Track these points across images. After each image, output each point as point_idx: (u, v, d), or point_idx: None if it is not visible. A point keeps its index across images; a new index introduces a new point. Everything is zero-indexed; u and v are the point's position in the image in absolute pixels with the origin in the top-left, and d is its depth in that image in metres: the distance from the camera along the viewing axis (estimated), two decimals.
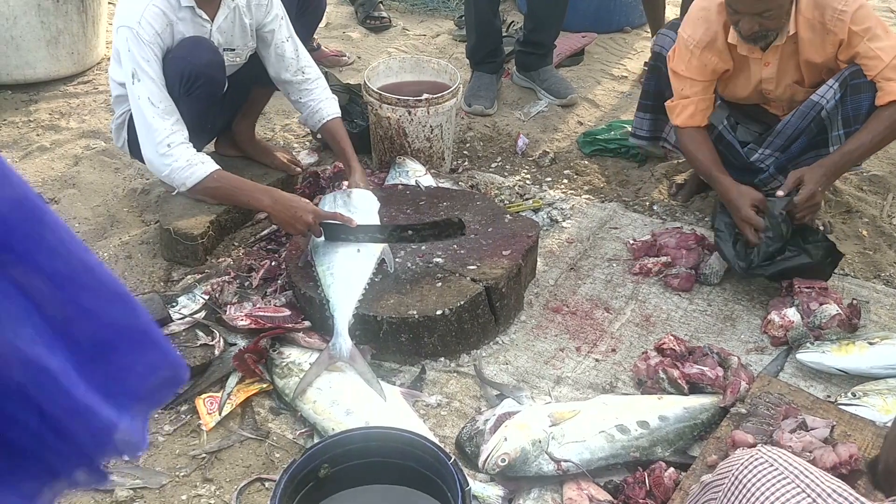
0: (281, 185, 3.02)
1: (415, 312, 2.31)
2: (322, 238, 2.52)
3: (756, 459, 1.20)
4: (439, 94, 3.08)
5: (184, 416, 2.21)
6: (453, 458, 1.64)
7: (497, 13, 3.73)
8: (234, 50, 2.77)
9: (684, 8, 3.71)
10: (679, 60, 2.68)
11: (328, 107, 2.93)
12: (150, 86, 2.54)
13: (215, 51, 2.66)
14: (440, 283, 2.41)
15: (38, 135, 3.55)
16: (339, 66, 4.03)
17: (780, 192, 2.52)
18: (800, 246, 2.51)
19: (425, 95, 3.09)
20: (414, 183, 2.96)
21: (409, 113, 3.06)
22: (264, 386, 2.26)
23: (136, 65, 2.53)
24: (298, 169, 3.09)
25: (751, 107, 2.79)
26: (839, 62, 2.56)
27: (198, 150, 2.83)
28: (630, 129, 3.38)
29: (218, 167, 2.65)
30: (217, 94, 2.72)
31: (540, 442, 1.95)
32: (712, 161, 2.70)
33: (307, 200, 2.64)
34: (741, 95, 2.74)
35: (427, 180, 3.00)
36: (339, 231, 2.50)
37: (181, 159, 2.58)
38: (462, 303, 2.33)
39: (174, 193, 2.80)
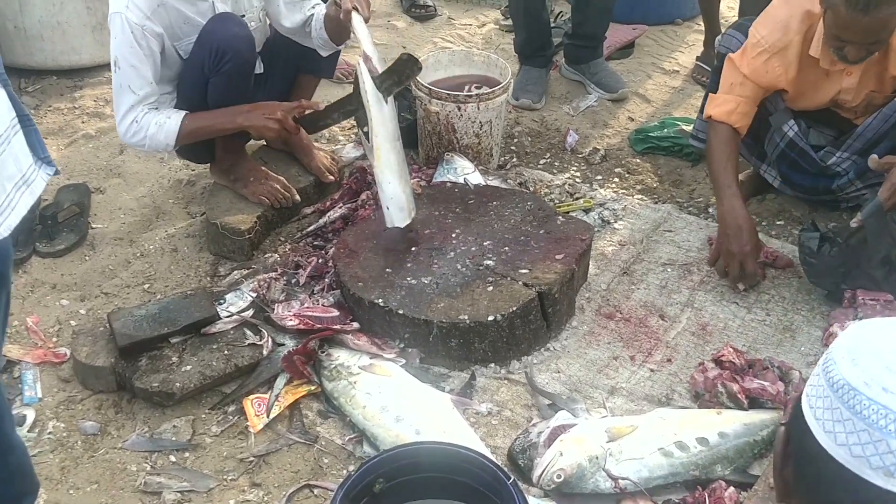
0: (312, 188, 2.99)
1: (466, 317, 2.26)
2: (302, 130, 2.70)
3: None
4: (490, 90, 3.01)
5: (231, 418, 2.19)
6: (512, 478, 1.59)
7: (545, 6, 3.64)
8: (244, 16, 2.71)
9: (742, 3, 3.61)
10: (743, 57, 2.58)
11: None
12: (131, 74, 2.55)
13: (242, 25, 2.62)
14: (491, 288, 2.35)
15: (83, 122, 3.54)
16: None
17: (872, 157, 2.38)
18: None
19: (472, 90, 3.03)
20: (462, 180, 2.90)
21: (459, 108, 3.00)
22: (312, 388, 2.23)
23: (119, 53, 2.53)
24: (332, 178, 3.01)
25: (821, 111, 2.68)
26: None
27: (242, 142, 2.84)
28: (684, 126, 3.31)
29: (185, 112, 2.64)
30: (247, 71, 2.66)
31: (597, 458, 1.90)
32: (730, 169, 2.59)
33: (273, 102, 2.72)
34: (814, 105, 2.64)
35: (475, 178, 2.94)
36: (315, 119, 2.70)
37: (151, 125, 2.60)
38: (514, 308, 2.28)
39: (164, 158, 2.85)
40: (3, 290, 1.34)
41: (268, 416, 2.16)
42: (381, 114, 2.45)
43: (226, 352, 2.28)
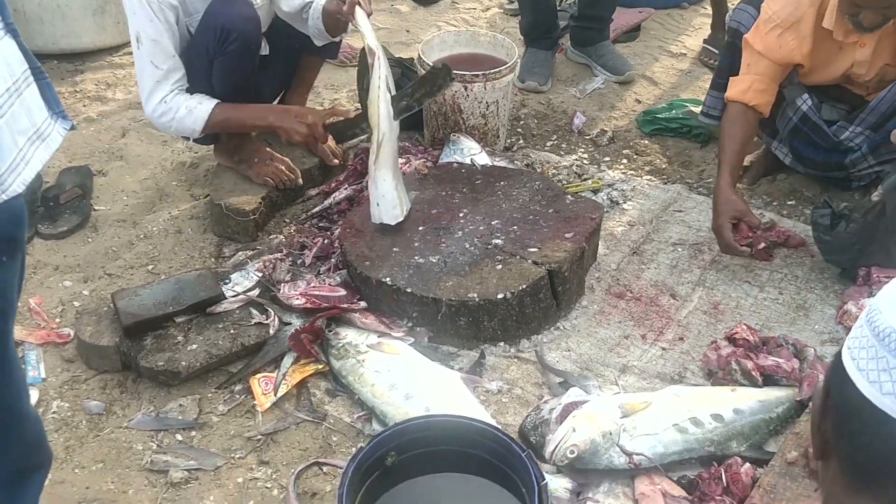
0: (317, 169, 2.95)
1: (475, 295, 2.22)
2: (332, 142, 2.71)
3: None
4: (497, 70, 2.98)
5: (238, 396, 2.16)
6: (527, 450, 1.56)
7: None
8: None
9: None
10: (756, 35, 2.54)
11: None
12: (153, 48, 2.51)
13: (248, 5, 2.59)
14: (500, 266, 2.32)
15: (84, 105, 3.50)
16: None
17: (895, 132, 2.33)
18: None
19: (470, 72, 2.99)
20: (469, 161, 2.86)
21: (466, 88, 2.96)
22: (320, 367, 2.20)
23: (139, 28, 2.50)
24: (336, 161, 2.96)
25: (832, 86, 2.64)
26: None
27: None
28: (692, 108, 3.27)
29: (217, 101, 2.61)
30: (253, 51, 2.64)
31: (611, 434, 1.87)
32: (735, 149, 2.54)
33: (305, 107, 2.72)
34: (826, 80, 2.60)
35: (482, 158, 2.90)
36: (344, 129, 2.66)
37: (181, 108, 2.58)
38: (524, 287, 2.24)
39: (191, 140, 2.82)
40: (18, 256, 1.29)
41: (275, 395, 2.13)
42: (389, 113, 2.41)
43: (232, 331, 2.25)
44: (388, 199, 2.43)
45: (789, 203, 2.85)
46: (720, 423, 1.95)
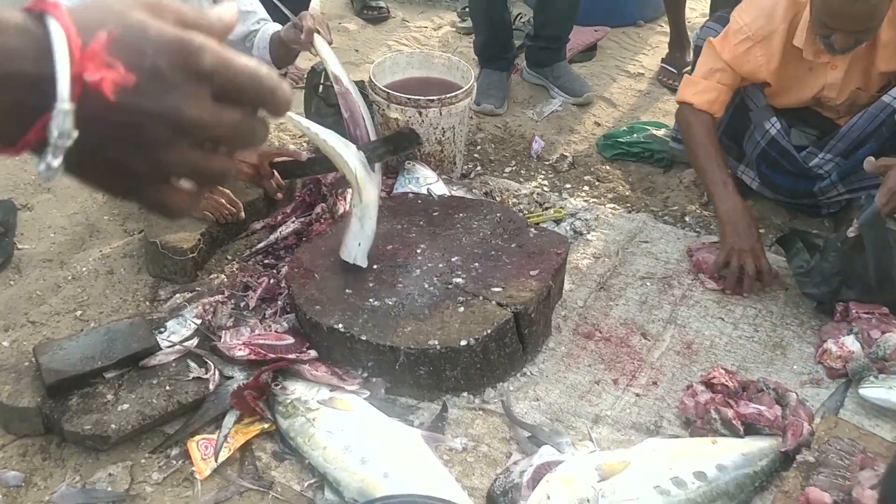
0: (261, 201, 2.76)
1: (436, 342, 2.05)
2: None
3: None
4: (453, 94, 2.82)
5: (174, 462, 1.94)
6: None
7: (507, 7, 3.47)
8: None
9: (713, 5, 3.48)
10: (725, 43, 2.43)
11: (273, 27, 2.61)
12: None
13: None
14: (462, 308, 2.15)
15: None
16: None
17: (869, 159, 2.18)
18: None
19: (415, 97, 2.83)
20: (425, 191, 2.70)
21: (420, 114, 2.80)
22: (266, 426, 2.00)
23: None
24: (280, 196, 2.77)
25: (802, 110, 2.54)
26: None
27: None
28: (654, 130, 3.16)
29: None
30: None
31: (588, 501, 1.71)
32: (721, 161, 2.45)
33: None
34: (796, 102, 2.50)
35: (439, 188, 2.74)
36: (293, 169, 2.47)
37: None
38: (489, 331, 2.08)
39: None
40: None
41: (216, 460, 1.92)
42: (356, 152, 2.24)
43: (167, 387, 2.04)
44: (367, 242, 2.26)
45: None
46: (703, 481, 1.80)
